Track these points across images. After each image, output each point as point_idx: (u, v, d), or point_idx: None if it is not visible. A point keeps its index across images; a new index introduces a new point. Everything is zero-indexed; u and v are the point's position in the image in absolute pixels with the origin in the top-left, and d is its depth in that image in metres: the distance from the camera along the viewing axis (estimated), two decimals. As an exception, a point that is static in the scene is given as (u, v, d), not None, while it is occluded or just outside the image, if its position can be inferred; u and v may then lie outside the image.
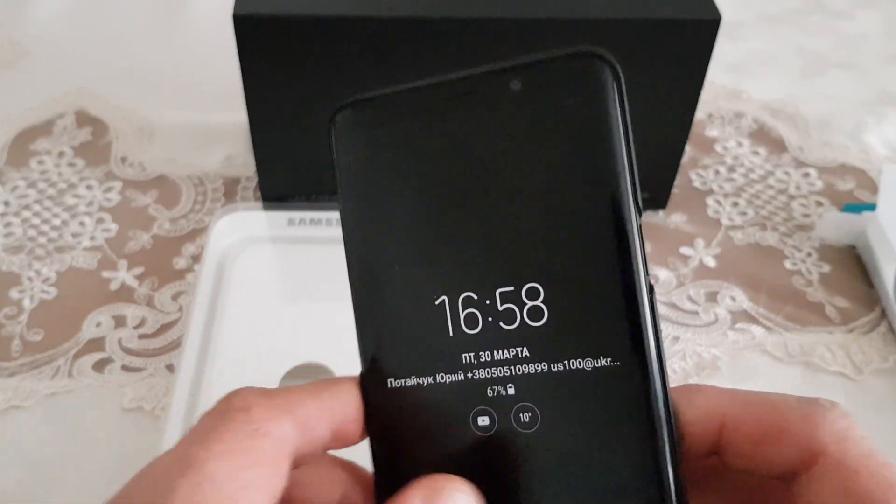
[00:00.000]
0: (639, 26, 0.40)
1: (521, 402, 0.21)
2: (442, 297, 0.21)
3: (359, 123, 0.22)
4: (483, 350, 0.21)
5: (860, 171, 0.53)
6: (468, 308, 0.21)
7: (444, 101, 0.21)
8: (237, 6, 0.39)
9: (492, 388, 0.21)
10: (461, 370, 0.21)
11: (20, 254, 0.45)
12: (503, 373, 0.21)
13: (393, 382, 0.22)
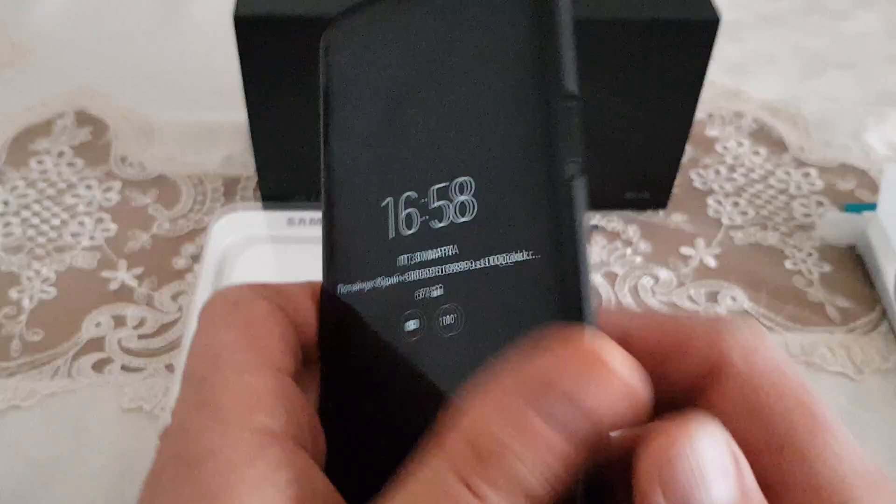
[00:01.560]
0: (639, 27, 0.40)
1: (446, 303, 0.20)
2: (387, 198, 0.21)
3: (335, 41, 0.24)
4: (417, 251, 0.21)
5: (861, 171, 0.52)
6: (408, 209, 0.21)
7: (412, 8, 0.22)
8: (237, 7, 0.39)
9: (420, 291, 0.20)
10: (397, 273, 0.21)
11: (19, 253, 0.45)
12: (432, 273, 0.20)
13: (341, 288, 0.22)
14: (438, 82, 0.21)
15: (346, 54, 0.23)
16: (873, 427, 0.39)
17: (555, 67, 0.20)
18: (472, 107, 0.21)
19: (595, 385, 0.15)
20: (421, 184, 0.21)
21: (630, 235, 0.47)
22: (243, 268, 0.43)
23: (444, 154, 0.21)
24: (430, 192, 0.21)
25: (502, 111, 0.20)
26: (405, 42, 0.22)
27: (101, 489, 0.35)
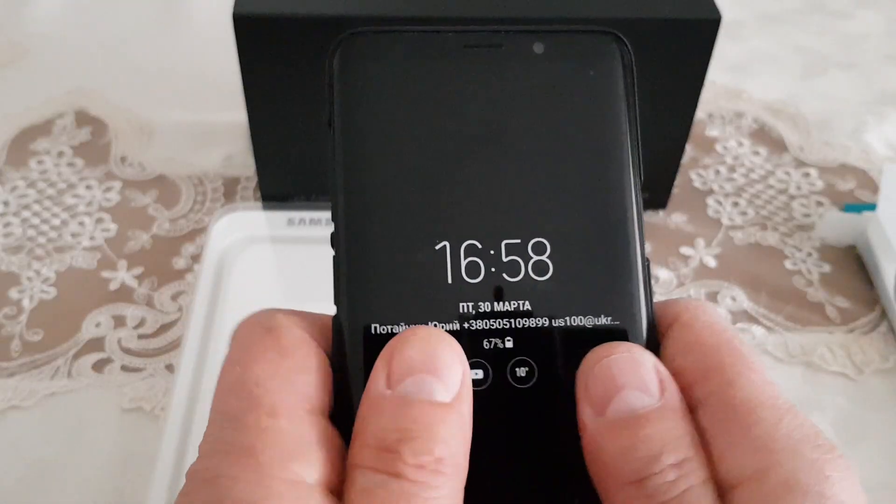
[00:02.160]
0: (639, 26, 0.40)
1: (518, 356, 0.20)
2: (443, 242, 0.21)
3: (371, 55, 0.22)
4: (483, 300, 0.20)
5: (861, 171, 0.52)
6: (470, 256, 0.21)
7: (467, 49, 0.21)
8: (237, 6, 0.39)
9: (488, 341, 0.20)
10: (457, 320, 0.20)
11: (19, 254, 0.45)
12: (502, 325, 0.20)
13: (377, 328, 0.20)
14: (507, 133, 0.21)
15: (380, 77, 0.21)
16: (873, 427, 0.39)
17: (637, 155, 0.21)
18: (553, 168, 0.21)
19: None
20: (488, 235, 0.21)
21: (630, 235, 0.47)
22: (243, 268, 0.43)
23: (517, 210, 0.21)
24: (501, 246, 0.21)
25: (590, 183, 0.21)
26: (464, 78, 0.21)
27: (101, 489, 0.35)
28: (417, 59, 0.21)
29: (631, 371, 0.19)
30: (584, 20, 0.40)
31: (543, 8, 0.40)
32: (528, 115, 0.21)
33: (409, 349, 0.19)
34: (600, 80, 0.21)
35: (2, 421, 0.38)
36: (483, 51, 0.21)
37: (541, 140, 0.21)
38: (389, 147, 0.21)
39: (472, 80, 0.21)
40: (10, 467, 0.36)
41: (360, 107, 0.21)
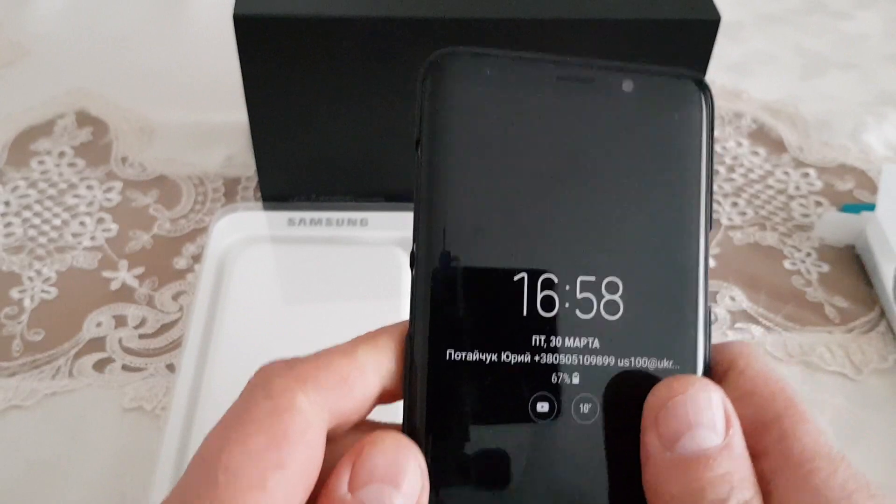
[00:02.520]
0: (638, 26, 0.40)
1: (583, 391, 0.21)
2: (522, 273, 0.21)
3: (464, 77, 0.22)
4: (555, 335, 0.21)
5: (859, 172, 0.53)
6: (546, 290, 0.21)
7: (559, 81, 0.22)
8: (237, 6, 0.39)
9: (557, 375, 0.21)
10: (529, 352, 0.21)
11: (21, 254, 0.45)
12: (571, 360, 0.21)
13: (452, 354, 0.21)
14: (591, 168, 0.21)
15: (471, 100, 0.21)
16: (872, 426, 0.39)
17: (710, 203, 0.22)
18: (632, 207, 0.21)
19: None
20: (565, 270, 0.21)
21: (629, 235, 0.48)
22: (244, 268, 0.43)
23: (594, 246, 0.21)
24: (577, 282, 0.21)
25: (666, 225, 0.21)
26: (554, 110, 0.21)
27: (101, 489, 0.35)
28: (510, 86, 0.21)
29: (704, 410, 0.19)
30: (584, 21, 0.40)
31: (544, 8, 0.40)
32: (612, 152, 0.21)
33: (376, 455, 0.19)
34: (683, 124, 0.22)
35: (3, 420, 0.38)
36: (574, 83, 0.22)
37: (622, 178, 0.21)
38: (475, 172, 0.21)
39: (562, 111, 0.21)
40: (11, 467, 0.36)
41: (449, 129, 0.21)
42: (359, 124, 0.43)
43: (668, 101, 0.22)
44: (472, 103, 0.21)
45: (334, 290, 0.43)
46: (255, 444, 0.18)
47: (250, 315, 0.41)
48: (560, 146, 0.21)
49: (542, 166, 0.21)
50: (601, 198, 0.21)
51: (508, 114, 0.21)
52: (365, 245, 0.45)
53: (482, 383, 0.21)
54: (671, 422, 0.19)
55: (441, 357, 0.21)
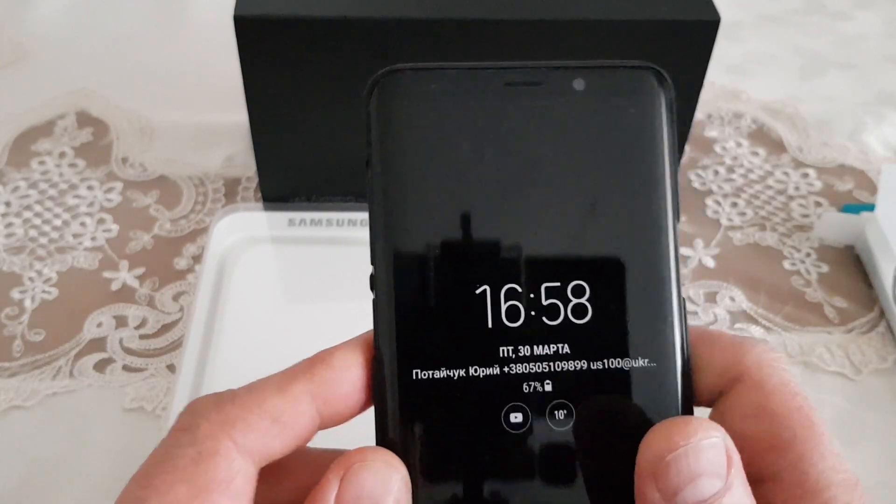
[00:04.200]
0: (638, 27, 0.40)
1: (557, 398, 0.20)
2: (484, 286, 0.21)
3: (410, 93, 0.21)
4: (523, 344, 0.20)
5: (859, 172, 0.53)
6: (510, 300, 0.21)
7: (507, 87, 0.21)
8: (238, 7, 0.39)
9: (528, 384, 0.20)
10: (497, 364, 0.20)
11: (21, 254, 0.45)
12: (542, 368, 0.20)
13: (420, 374, 0.20)
14: (548, 171, 0.21)
15: (419, 116, 0.21)
16: (871, 427, 0.39)
17: (675, 194, 0.21)
18: (593, 208, 0.21)
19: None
20: (528, 278, 0.21)
21: (629, 236, 0.48)
22: (244, 268, 0.43)
23: (557, 251, 0.21)
24: (541, 290, 0.21)
25: (632, 221, 0.21)
26: (504, 117, 0.21)
27: (101, 489, 0.35)
28: (457, 98, 0.21)
29: (706, 459, 0.18)
30: (584, 21, 0.40)
31: (543, 9, 0.40)
32: (569, 154, 0.21)
33: (365, 475, 0.18)
34: (640, 116, 0.21)
35: (4, 421, 0.38)
36: (523, 88, 0.21)
37: (581, 180, 0.21)
38: (429, 188, 0.21)
39: (513, 118, 0.21)
40: (11, 467, 0.36)
41: (398, 147, 0.21)
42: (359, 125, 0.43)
43: (622, 94, 0.21)
44: (418, 119, 0.21)
45: (334, 290, 0.43)
46: (177, 495, 0.17)
47: (250, 315, 0.41)
48: (513, 153, 0.21)
49: (496, 175, 0.21)
50: (560, 202, 0.21)
51: (458, 126, 0.21)
52: (365, 245, 0.44)
53: (453, 400, 0.20)
54: (672, 476, 0.18)
55: (409, 378, 0.20)
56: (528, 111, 0.21)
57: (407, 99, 0.21)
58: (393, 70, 0.21)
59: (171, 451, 0.18)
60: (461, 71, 0.21)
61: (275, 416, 0.19)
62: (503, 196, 0.21)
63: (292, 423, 0.19)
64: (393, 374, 0.20)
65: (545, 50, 0.41)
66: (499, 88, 0.21)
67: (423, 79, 0.21)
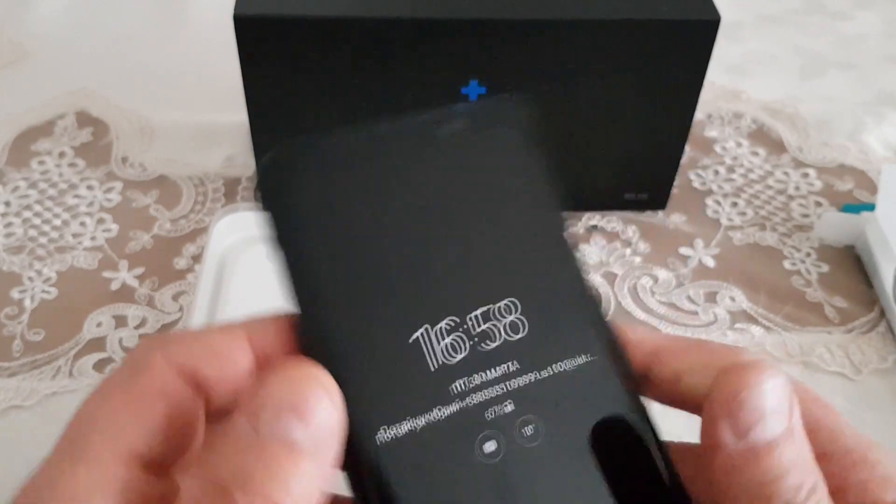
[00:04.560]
0: (639, 27, 0.40)
1: (522, 415, 0.21)
2: (415, 333, 0.21)
3: (299, 167, 0.21)
4: (473, 373, 0.21)
5: (859, 172, 0.53)
6: (448, 336, 0.21)
7: (392, 141, 0.22)
8: (237, 7, 0.39)
9: (490, 410, 0.21)
10: (455, 400, 0.21)
11: (21, 254, 0.45)
12: (499, 391, 0.21)
13: (381, 438, 0.20)
14: (446, 210, 0.22)
15: (313, 188, 0.21)
16: (871, 427, 0.39)
17: (558, 189, 0.23)
18: (493, 232, 0.22)
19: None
20: (458, 310, 0.21)
21: (629, 236, 0.48)
22: (244, 268, 0.43)
23: (477, 279, 0.21)
24: (473, 318, 0.21)
25: (525, 236, 0.22)
26: (392, 169, 0.22)
27: (102, 488, 0.35)
28: (346, 162, 0.22)
29: (775, 398, 0.19)
30: (584, 21, 0.40)
31: (544, 9, 0.40)
32: (459, 190, 0.22)
33: (282, 381, 0.18)
34: (509, 141, 0.23)
35: (3, 420, 0.38)
36: (403, 138, 0.22)
37: (476, 209, 0.22)
38: (339, 253, 0.21)
39: (399, 168, 0.22)
40: (11, 467, 0.36)
41: (300, 221, 0.21)
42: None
43: (492, 126, 0.23)
44: (313, 190, 0.21)
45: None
46: (113, 402, 0.18)
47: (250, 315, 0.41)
48: (410, 202, 0.22)
49: (399, 226, 0.21)
50: (463, 234, 0.22)
51: (352, 188, 0.21)
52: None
53: (424, 449, 0.20)
54: (745, 414, 0.19)
55: (373, 440, 0.20)
56: (411, 159, 0.22)
57: (297, 175, 0.21)
58: (279, 150, 0.22)
59: (112, 374, 0.19)
60: (344, 135, 0.22)
61: (215, 350, 0.20)
62: (410, 244, 0.21)
63: (231, 359, 0.20)
64: (359, 442, 0.20)
65: (545, 50, 0.41)
66: (384, 144, 0.22)
67: (308, 151, 0.22)
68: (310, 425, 0.17)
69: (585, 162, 0.46)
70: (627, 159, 0.46)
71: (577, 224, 0.48)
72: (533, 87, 0.42)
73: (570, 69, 0.42)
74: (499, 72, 0.41)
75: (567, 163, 0.46)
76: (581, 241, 0.47)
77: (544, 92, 0.42)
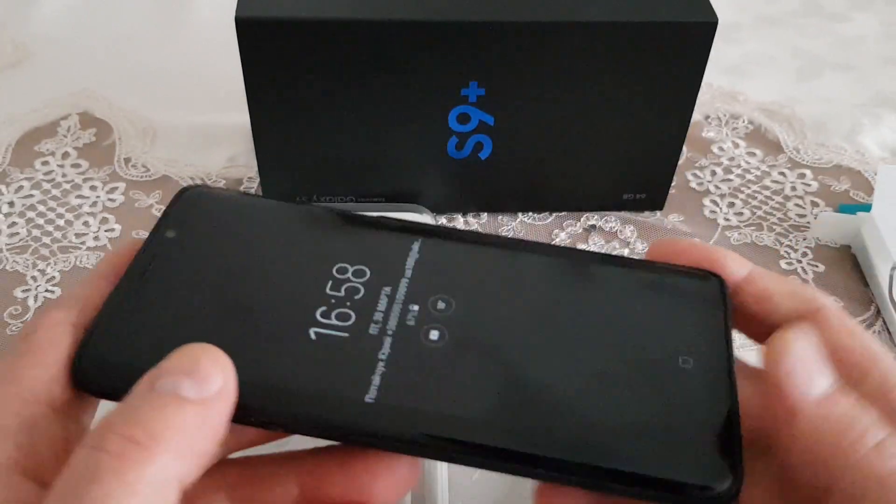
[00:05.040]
0: (636, 29, 0.41)
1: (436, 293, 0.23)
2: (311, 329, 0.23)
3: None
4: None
5: (855, 172, 0.53)
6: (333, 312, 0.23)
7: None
8: (239, 9, 0.40)
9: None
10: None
11: (25, 254, 0.46)
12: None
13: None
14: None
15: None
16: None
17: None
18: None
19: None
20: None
21: (627, 236, 0.48)
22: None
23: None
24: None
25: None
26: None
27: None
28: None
29: (820, 345, 0.21)
30: (583, 23, 0.40)
31: (541, 12, 0.41)
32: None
33: (178, 353, 0.20)
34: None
35: (8, 418, 0.38)
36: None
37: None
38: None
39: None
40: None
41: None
42: (360, 126, 0.44)
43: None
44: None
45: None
46: (5, 363, 0.21)
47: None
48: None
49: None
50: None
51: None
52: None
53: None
54: (803, 366, 0.21)
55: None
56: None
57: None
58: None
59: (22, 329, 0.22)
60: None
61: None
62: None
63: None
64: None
65: (544, 52, 0.41)
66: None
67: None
68: (201, 384, 0.19)
69: (584, 162, 0.46)
70: (625, 160, 0.47)
71: (575, 224, 0.49)
72: (531, 89, 0.43)
73: (568, 70, 0.42)
74: (498, 74, 0.42)
75: (566, 163, 0.46)
76: (579, 241, 0.48)
77: (543, 93, 0.43)
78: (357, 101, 0.43)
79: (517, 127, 0.44)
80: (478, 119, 0.44)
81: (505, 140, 0.45)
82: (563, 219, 0.49)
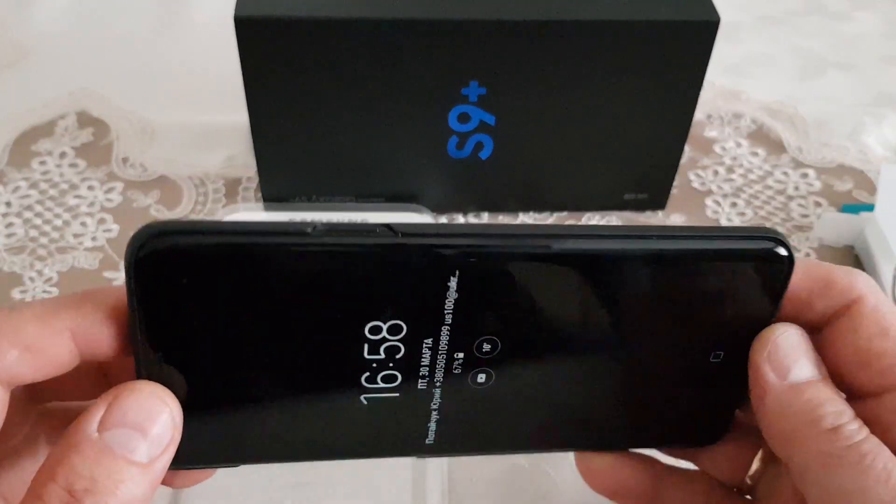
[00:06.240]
0: (638, 28, 0.40)
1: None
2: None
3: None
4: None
5: (858, 172, 0.53)
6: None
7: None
8: (238, 8, 0.39)
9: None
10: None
11: (22, 254, 0.46)
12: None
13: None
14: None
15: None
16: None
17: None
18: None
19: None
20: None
21: (629, 236, 0.48)
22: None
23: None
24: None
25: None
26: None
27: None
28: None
29: (804, 344, 0.23)
30: (584, 22, 0.40)
31: (543, 10, 0.40)
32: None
33: (131, 400, 0.20)
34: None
35: (5, 420, 0.38)
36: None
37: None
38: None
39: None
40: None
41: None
42: (359, 125, 0.44)
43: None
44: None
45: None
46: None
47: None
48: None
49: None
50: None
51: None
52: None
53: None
54: (781, 355, 0.23)
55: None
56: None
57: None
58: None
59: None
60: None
61: (28, 345, 0.20)
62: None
63: (47, 353, 0.20)
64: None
65: (545, 51, 0.41)
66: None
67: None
68: (152, 444, 0.20)
69: (585, 162, 0.46)
70: (627, 159, 0.46)
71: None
72: (532, 88, 0.42)
73: (570, 69, 0.42)
74: (499, 72, 0.42)
75: (567, 163, 0.46)
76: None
77: (544, 92, 0.43)
78: (356, 100, 0.42)
79: (518, 126, 0.44)
80: (478, 118, 0.43)
81: (506, 139, 0.45)
82: (564, 219, 0.49)
